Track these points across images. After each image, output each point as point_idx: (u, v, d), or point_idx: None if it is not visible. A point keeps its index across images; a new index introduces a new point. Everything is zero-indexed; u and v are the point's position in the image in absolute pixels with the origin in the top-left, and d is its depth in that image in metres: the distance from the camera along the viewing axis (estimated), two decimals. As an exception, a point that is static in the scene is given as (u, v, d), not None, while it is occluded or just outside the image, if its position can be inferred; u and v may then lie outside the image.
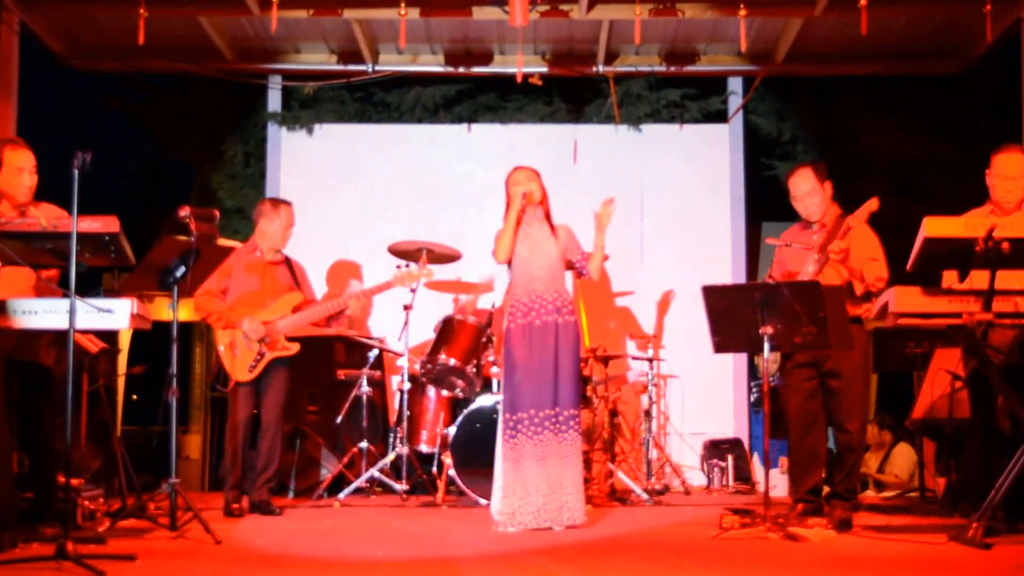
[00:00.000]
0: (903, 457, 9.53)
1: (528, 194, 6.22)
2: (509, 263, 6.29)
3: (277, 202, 7.31)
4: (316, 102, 10.01)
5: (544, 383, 6.05)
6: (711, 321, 5.77)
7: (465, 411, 7.55)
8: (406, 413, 7.86)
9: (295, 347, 7.08)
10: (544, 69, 9.74)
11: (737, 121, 9.96)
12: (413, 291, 7.70)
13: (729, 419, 9.56)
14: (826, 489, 6.55)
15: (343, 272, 9.46)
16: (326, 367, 8.76)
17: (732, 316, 5.71)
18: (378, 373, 8.43)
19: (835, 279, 6.11)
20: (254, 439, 7.12)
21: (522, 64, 8.95)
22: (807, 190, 6.40)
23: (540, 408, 6.02)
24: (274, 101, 10.04)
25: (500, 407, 6.20)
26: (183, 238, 5.67)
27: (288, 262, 7.31)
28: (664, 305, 9.46)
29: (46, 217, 5.33)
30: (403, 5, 8.05)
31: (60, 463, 5.56)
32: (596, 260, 6.42)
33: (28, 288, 5.71)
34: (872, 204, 6.01)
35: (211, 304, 6.97)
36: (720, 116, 10.02)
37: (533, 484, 5.96)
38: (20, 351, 5.57)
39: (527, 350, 6.09)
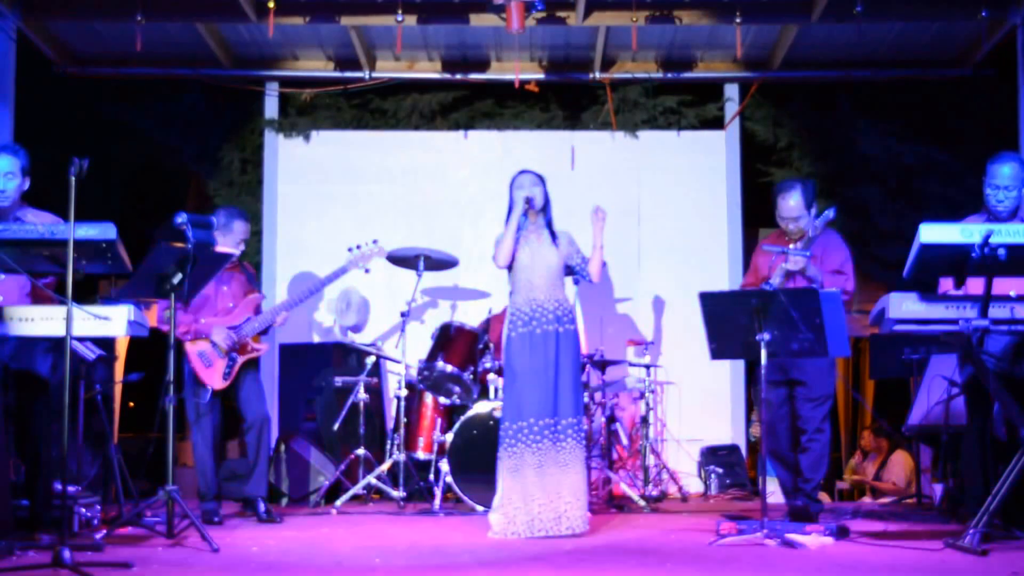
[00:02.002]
0: (900, 464, 9.54)
1: (530, 199, 6.22)
2: (509, 268, 6.31)
3: (232, 216, 7.26)
4: (313, 109, 10.01)
5: (544, 392, 6.05)
6: (708, 328, 5.79)
7: (462, 418, 7.54)
8: (403, 420, 7.86)
9: (264, 347, 7.16)
10: (541, 76, 9.74)
11: (734, 128, 9.96)
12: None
13: (726, 425, 9.55)
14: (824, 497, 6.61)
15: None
16: (323, 374, 8.75)
17: (729, 323, 5.72)
18: (375, 380, 8.42)
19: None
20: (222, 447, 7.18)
21: (519, 71, 8.96)
22: (794, 215, 6.48)
23: (540, 417, 6.03)
24: (271, 108, 10.03)
25: (500, 415, 6.19)
26: (180, 245, 5.68)
27: (242, 265, 7.32)
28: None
29: (42, 224, 5.34)
30: (400, 12, 8.06)
31: (56, 470, 5.55)
32: (596, 260, 6.39)
33: (23, 295, 5.71)
34: (829, 215, 6.10)
35: (176, 317, 6.90)
36: (717, 123, 10.02)
37: (530, 493, 5.96)
38: (17, 359, 5.57)
39: (527, 359, 6.10)
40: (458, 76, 9.82)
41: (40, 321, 5.28)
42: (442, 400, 8.05)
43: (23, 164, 5.72)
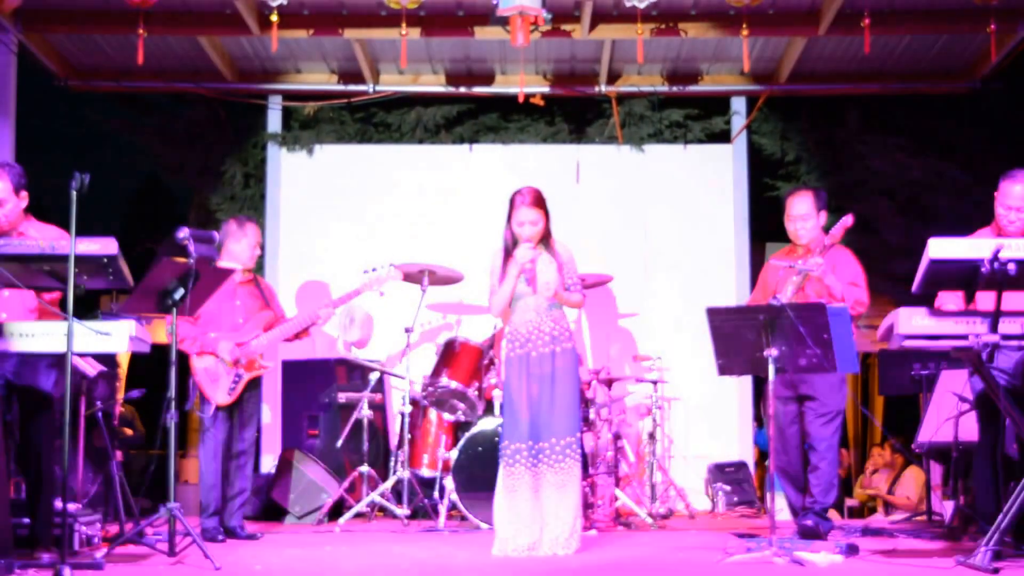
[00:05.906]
0: (915, 480, 9.47)
1: (530, 264, 6.02)
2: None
3: (243, 221, 7.21)
4: (316, 122, 9.99)
5: (540, 414, 5.98)
6: (715, 343, 5.72)
7: (467, 434, 7.49)
8: (407, 437, 7.81)
9: (270, 365, 7.12)
10: (546, 89, 9.72)
11: (740, 141, 9.93)
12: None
13: (734, 442, 9.49)
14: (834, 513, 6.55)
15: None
16: (326, 390, 8.70)
17: (736, 338, 5.66)
18: (379, 396, 8.37)
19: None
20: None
21: (524, 84, 8.93)
22: (802, 213, 6.51)
23: (537, 440, 5.96)
24: (274, 122, 10.01)
25: (502, 433, 6.14)
26: (182, 260, 5.63)
27: (256, 281, 7.28)
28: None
29: (43, 239, 5.30)
30: (404, 25, 8.02)
31: (57, 488, 5.50)
32: (567, 300, 6.23)
33: (27, 311, 5.67)
34: (847, 220, 6.08)
35: (183, 328, 6.85)
36: (723, 136, 9.99)
37: (529, 513, 5.89)
38: (18, 375, 5.52)
39: (524, 380, 6.03)
40: (462, 89, 9.80)
41: (41, 337, 5.23)
42: (447, 417, 8.00)
43: (14, 183, 5.63)
